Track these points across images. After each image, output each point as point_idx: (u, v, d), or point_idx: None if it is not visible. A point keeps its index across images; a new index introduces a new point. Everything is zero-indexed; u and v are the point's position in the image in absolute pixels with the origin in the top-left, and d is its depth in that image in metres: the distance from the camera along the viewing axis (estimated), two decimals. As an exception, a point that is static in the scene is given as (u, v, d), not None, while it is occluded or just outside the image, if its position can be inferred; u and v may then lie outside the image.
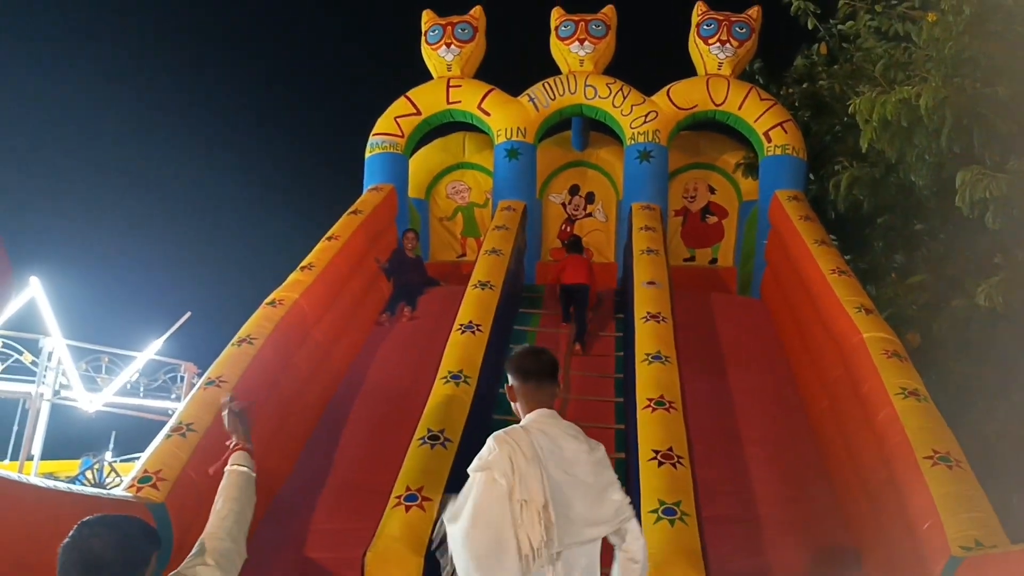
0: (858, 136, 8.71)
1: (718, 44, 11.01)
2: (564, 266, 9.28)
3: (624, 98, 10.92)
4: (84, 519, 2.26)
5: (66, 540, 2.21)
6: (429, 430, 5.74)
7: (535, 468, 2.89)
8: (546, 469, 2.91)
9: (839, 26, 11.13)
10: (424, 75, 11.44)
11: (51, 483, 4.45)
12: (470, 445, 5.99)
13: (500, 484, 2.88)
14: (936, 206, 9.14)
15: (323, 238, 8.87)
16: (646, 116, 10.81)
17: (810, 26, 11.63)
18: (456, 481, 5.41)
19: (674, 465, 5.33)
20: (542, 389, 3.14)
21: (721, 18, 11.10)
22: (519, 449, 2.92)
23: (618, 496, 3.03)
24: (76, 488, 4.76)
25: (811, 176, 11.22)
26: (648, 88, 11.12)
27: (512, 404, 3.20)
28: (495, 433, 3.02)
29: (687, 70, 11.33)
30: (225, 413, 3.17)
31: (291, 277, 7.99)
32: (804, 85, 11.98)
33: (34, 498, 4.05)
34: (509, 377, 3.18)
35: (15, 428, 15.05)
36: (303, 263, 8.27)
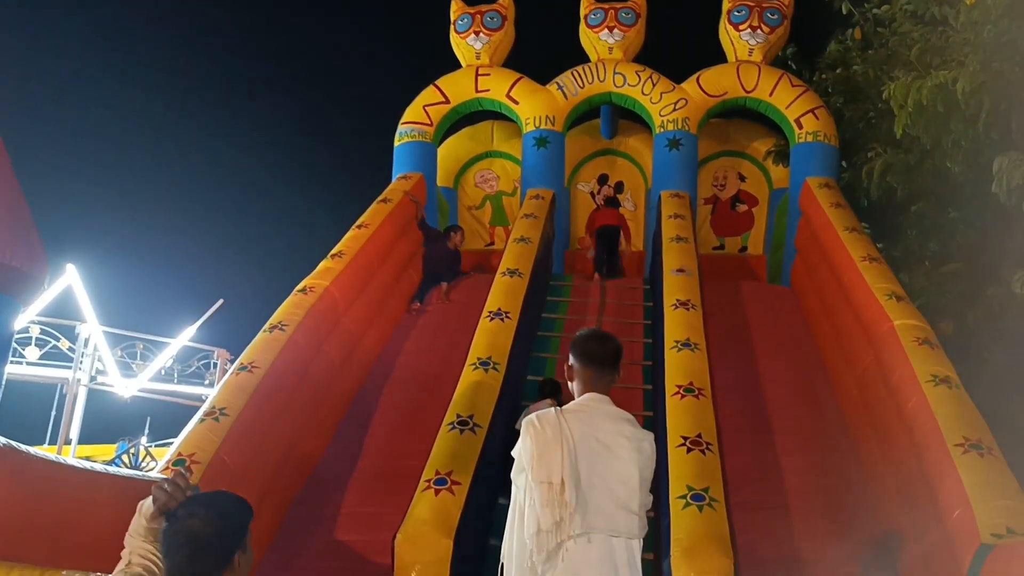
0: (892, 122, 8.61)
1: (749, 30, 10.90)
2: (596, 218, 10.60)
3: (653, 86, 10.87)
4: (181, 502, 2.27)
5: (165, 527, 2.23)
6: (458, 415, 5.78)
7: (556, 450, 2.91)
8: (575, 452, 2.91)
9: (874, 10, 10.99)
10: (453, 64, 11.46)
11: (89, 464, 4.54)
12: (499, 430, 6.05)
13: (517, 467, 3.00)
14: (972, 193, 9.00)
15: (353, 226, 8.93)
16: (675, 104, 10.74)
17: (844, 11, 11.49)
18: (485, 466, 5.48)
19: (703, 452, 5.32)
20: (602, 377, 3.10)
21: (752, 4, 10.98)
22: (543, 432, 2.96)
23: (648, 499, 3.01)
24: (113, 469, 4.86)
25: (844, 163, 11.11)
26: (678, 75, 11.06)
27: (568, 384, 3.19)
28: (527, 418, 3.06)
29: (717, 57, 11.24)
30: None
31: (321, 265, 8.06)
32: (838, 71, 11.84)
33: (73, 479, 4.14)
34: (571, 357, 3.15)
35: (53, 413, 15.34)
36: (333, 251, 8.33)
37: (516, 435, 6.36)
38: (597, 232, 10.36)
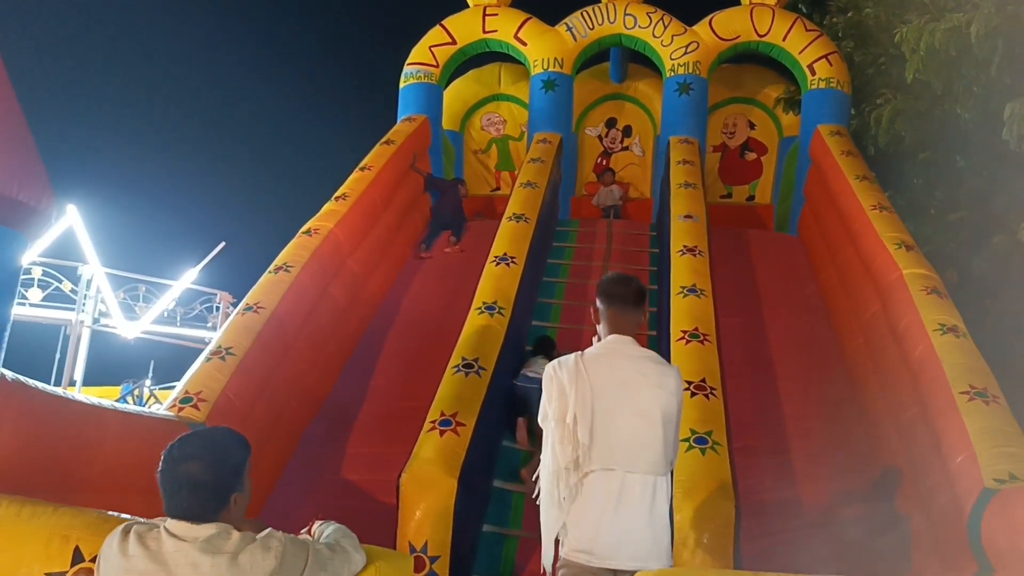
0: (903, 68, 8.48)
1: (763, -28, 10.66)
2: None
3: (664, 28, 10.67)
4: (173, 442, 2.25)
5: (161, 467, 2.21)
6: (463, 358, 5.80)
7: (572, 389, 2.93)
8: (592, 391, 2.92)
9: (888, -48, 10.73)
10: (460, 3, 11.24)
11: (97, 400, 4.56)
12: (503, 374, 6.07)
13: (548, 417, 3.01)
14: (981, 140, 8.90)
15: (356, 168, 8.85)
16: (687, 47, 10.55)
17: (858, -47, 11.24)
18: (489, 408, 5.50)
19: (707, 396, 5.33)
20: (625, 316, 3.10)
21: (768, -56, 10.72)
22: (560, 373, 2.99)
23: (672, 437, 2.99)
24: (120, 406, 4.88)
25: (852, 110, 10.97)
26: (690, 18, 10.84)
27: (597, 328, 3.18)
28: (549, 364, 3.09)
29: (730, -2, 11.02)
30: None
31: (326, 207, 8.01)
32: (849, 14, 11.61)
33: (81, 414, 4.16)
34: (597, 299, 3.16)
35: (57, 355, 15.42)
36: (337, 193, 8.28)
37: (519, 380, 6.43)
38: None
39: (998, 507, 4.08)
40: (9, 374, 3.67)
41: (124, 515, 2.99)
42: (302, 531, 2.57)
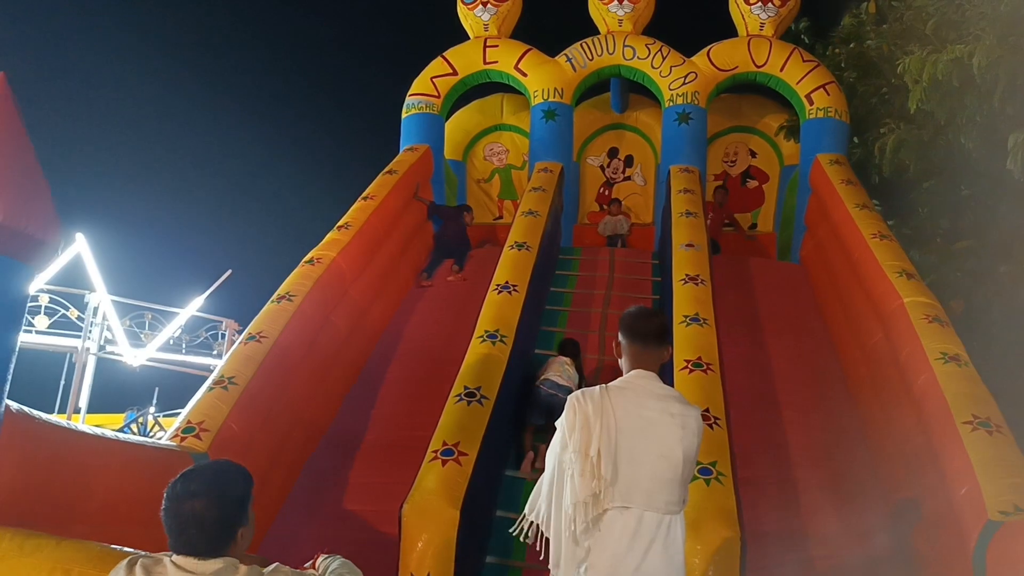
0: (906, 98, 8.52)
1: (760, 4, 10.76)
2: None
3: (663, 59, 10.75)
4: (175, 479, 2.24)
5: (165, 504, 2.20)
6: (466, 387, 5.78)
7: (595, 424, 2.92)
8: (617, 427, 2.91)
9: (889, -17, 10.84)
10: (461, 35, 11.35)
11: (100, 431, 4.56)
12: (506, 403, 6.06)
13: (558, 440, 3.02)
14: (985, 170, 8.93)
15: (359, 198, 8.90)
16: (685, 77, 10.64)
17: (859, -16, 11.35)
18: (492, 437, 5.49)
19: (711, 426, 5.31)
20: (648, 352, 3.11)
21: (763, -23, 10.83)
22: (585, 404, 2.98)
23: (689, 476, 2.99)
24: (124, 436, 4.88)
25: (856, 139, 11.01)
26: (688, 49, 10.92)
27: (618, 360, 3.19)
28: (572, 394, 3.09)
29: (728, 31, 11.11)
30: None
31: (328, 236, 8.05)
32: (851, 45, 11.70)
33: (85, 446, 4.16)
34: (619, 334, 3.17)
35: (62, 382, 15.41)
36: (340, 222, 8.32)
37: (524, 406, 6.44)
38: None
39: (1003, 539, 4.06)
40: (14, 405, 3.68)
41: (126, 549, 2.99)
42: (306, 564, 2.57)
